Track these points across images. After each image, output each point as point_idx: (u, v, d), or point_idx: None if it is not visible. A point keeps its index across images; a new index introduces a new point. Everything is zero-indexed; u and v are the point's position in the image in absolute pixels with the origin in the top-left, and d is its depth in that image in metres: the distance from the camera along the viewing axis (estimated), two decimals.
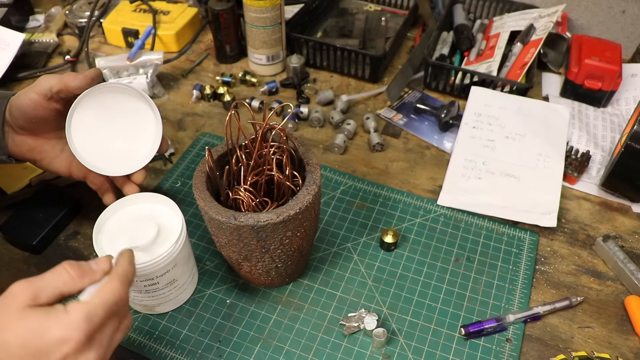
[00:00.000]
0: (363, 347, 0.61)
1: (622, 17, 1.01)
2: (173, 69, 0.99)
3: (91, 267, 0.47)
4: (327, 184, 0.78)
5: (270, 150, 0.59)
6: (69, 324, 0.41)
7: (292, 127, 0.87)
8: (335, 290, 0.66)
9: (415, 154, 0.84)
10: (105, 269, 0.47)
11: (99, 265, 0.47)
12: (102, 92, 0.62)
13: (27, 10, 1.09)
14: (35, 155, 0.64)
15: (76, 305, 0.43)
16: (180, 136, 0.86)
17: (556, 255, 0.70)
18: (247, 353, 0.60)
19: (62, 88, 0.59)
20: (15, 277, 0.43)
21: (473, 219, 0.74)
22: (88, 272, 0.46)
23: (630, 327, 0.63)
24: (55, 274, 0.44)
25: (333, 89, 0.95)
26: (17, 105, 0.60)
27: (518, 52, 0.93)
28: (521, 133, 0.83)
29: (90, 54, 1.01)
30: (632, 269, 0.66)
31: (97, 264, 0.47)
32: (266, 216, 0.53)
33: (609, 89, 0.88)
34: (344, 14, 1.11)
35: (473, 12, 1.07)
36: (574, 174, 0.79)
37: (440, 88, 0.94)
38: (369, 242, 0.71)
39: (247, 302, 0.65)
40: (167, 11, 1.04)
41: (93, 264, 0.47)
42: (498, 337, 0.62)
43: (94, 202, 0.68)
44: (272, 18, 0.90)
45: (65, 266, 0.45)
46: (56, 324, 0.41)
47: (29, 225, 0.69)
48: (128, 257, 0.50)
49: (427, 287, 0.66)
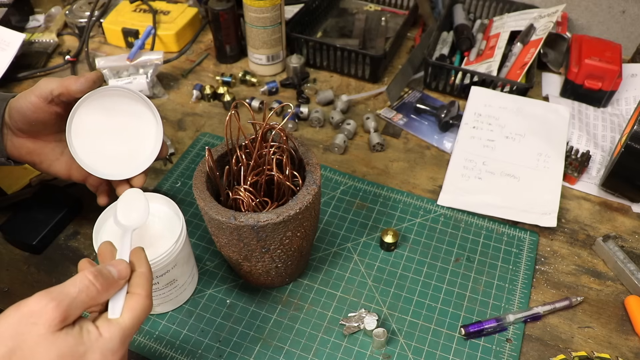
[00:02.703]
0: (363, 347, 0.61)
1: (622, 17, 1.01)
2: (173, 69, 0.99)
3: (113, 277, 0.44)
4: (327, 184, 0.78)
5: (270, 150, 0.59)
6: (106, 348, 0.40)
7: (292, 127, 0.87)
8: (335, 290, 0.66)
9: (415, 154, 0.84)
10: (127, 276, 0.45)
11: (120, 274, 0.44)
12: (103, 96, 0.62)
13: (27, 10, 1.09)
14: (35, 158, 0.64)
15: (109, 327, 0.41)
16: (180, 136, 0.86)
17: (556, 255, 0.70)
18: (247, 353, 0.60)
19: (63, 91, 0.59)
20: (15, 277, 0.43)
21: (473, 219, 0.74)
22: (112, 283, 0.43)
23: (630, 327, 0.63)
24: (81, 289, 0.41)
25: (333, 89, 0.95)
26: (17, 108, 0.60)
27: (518, 52, 0.93)
28: (521, 133, 0.83)
29: (90, 54, 1.01)
30: (632, 269, 0.66)
31: (119, 273, 0.44)
32: (266, 216, 0.53)
33: (609, 89, 0.88)
34: (344, 14, 1.11)
35: (473, 12, 1.07)
36: (574, 174, 0.79)
37: (440, 88, 0.94)
38: (369, 242, 0.71)
39: (247, 302, 0.65)
40: (167, 11, 1.04)
41: (114, 272, 0.44)
42: (498, 337, 0.62)
43: (94, 202, 0.68)
44: (272, 18, 0.90)
45: (89, 278, 0.41)
46: (92, 348, 0.39)
47: (29, 225, 0.69)
48: (144, 259, 0.47)
49: (427, 287, 0.66)
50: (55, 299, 0.39)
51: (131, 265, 0.46)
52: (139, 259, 0.47)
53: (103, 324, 0.41)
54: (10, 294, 0.64)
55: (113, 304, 0.43)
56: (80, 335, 0.39)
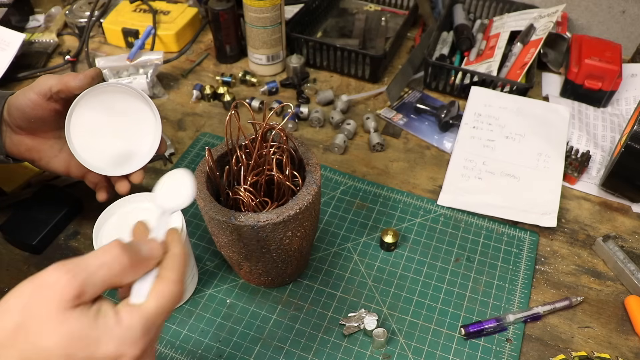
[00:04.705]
0: (363, 347, 0.61)
1: (622, 17, 1.01)
2: (173, 69, 0.99)
3: (144, 256, 0.38)
4: (327, 184, 0.78)
5: (270, 150, 0.59)
6: (123, 337, 0.34)
7: (292, 127, 0.87)
8: (335, 290, 0.66)
9: (415, 154, 0.84)
10: (159, 257, 0.39)
11: (152, 252, 0.39)
12: (101, 92, 0.62)
13: (27, 10, 1.09)
14: (34, 155, 0.64)
15: (131, 312, 0.35)
16: (180, 136, 0.86)
17: (556, 255, 0.70)
18: (247, 353, 0.60)
19: (62, 88, 0.59)
20: (15, 277, 0.42)
21: (473, 219, 0.74)
22: (142, 262, 0.38)
23: (630, 327, 0.63)
24: (105, 264, 0.35)
25: (333, 89, 0.95)
26: (16, 105, 0.60)
27: (518, 52, 0.93)
28: (521, 133, 0.83)
29: (90, 54, 1.01)
30: (632, 269, 0.66)
31: (151, 251, 0.39)
32: (266, 216, 0.53)
33: (609, 89, 0.88)
34: (344, 14, 1.11)
35: (473, 12, 1.07)
36: (574, 174, 0.79)
37: (440, 88, 0.94)
38: (369, 242, 0.71)
39: (247, 302, 0.65)
40: (167, 11, 1.04)
41: (145, 249, 0.38)
42: (498, 337, 0.62)
43: (94, 202, 0.68)
44: (272, 18, 0.90)
45: (116, 250, 0.36)
46: (108, 335, 0.34)
47: (29, 225, 0.69)
48: (179, 241, 0.41)
49: (427, 287, 0.66)
50: (71, 270, 0.34)
51: (164, 246, 0.40)
52: (173, 240, 0.41)
53: (124, 308, 0.36)
54: None
55: (138, 287, 0.38)
56: (96, 318, 0.34)
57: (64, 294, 0.33)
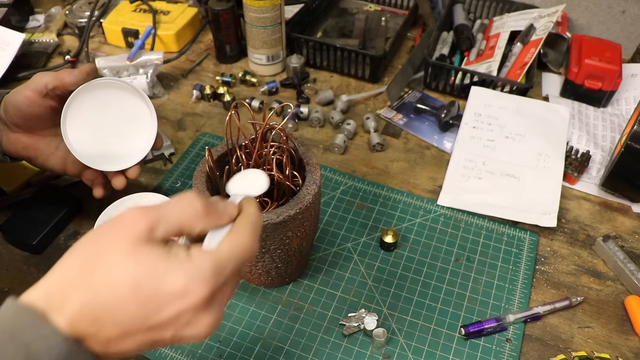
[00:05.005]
0: (363, 347, 0.61)
1: (622, 17, 1.01)
2: (173, 69, 0.99)
3: (218, 208, 0.38)
4: (327, 184, 0.78)
5: (270, 150, 0.59)
6: (193, 275, 0.34)
7: (292, 127, 0.87)
8: (335, 290, 0.66)
9: (415, 154, 0.84)
10: (233, 215, 0.39)
11: (226, 208, 0.39)
12: (97, 88, 0.62)
13: (27, 10, 1.09)
14: (30, 153, 0.64)
15: (203, 254, 0.35)
16: (180, 136, 0.86)
17: (556, 255, 0.70)
18: (247, 353, 0.60)
19: (58, 84, 0.59)
20: (16, 277, 0.42)
21: (473, 219, 0.74)
22: (215, 213, 0.38)
23: (630, 327, 0.63)
24: (179, 206, 0.36)
25: (333, 89, 0.95)
26: (12, 103, 0.60)
27: (518, 52, 0.93)
28: (521, 133, 0.83)
29: (90, 54, 1.01)
30: (632, 269, 0.66)
31: (225, 207, 0.39)
32: (266, 216, 0.53)
33: (609, 89, 0.88)
34: (344, 14, 1.11)
35: (473, 12, 1.07)
36: (574, 174, 0.79)
37: (440, 88, 0.94)
38: (369, 242, 0.71)
39: (247, 302, 0.65)
40: (167, 11, 1.04)
41: (220, 205, 0.39)
42: (498, 337, 0.62)
43: (94, 202, 0.68)
44: (272, 18, 0.90)
45: (192, 198, 0.37)
46: (177, 270, 0.33)
47: (29, 225, 0.69)
48: (255, 204, 0.41)
49: (427, 287, 0.66)
50: (145, 209, 0.35)
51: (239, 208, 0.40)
52: (249, 205, 0.41)
53: (196, 251, 0.35)
54: (10, 294, 0.64)
55: (211, 235, 0.38)
56: (167, 254, 0.34)
57: (136, 228, 0.34)
